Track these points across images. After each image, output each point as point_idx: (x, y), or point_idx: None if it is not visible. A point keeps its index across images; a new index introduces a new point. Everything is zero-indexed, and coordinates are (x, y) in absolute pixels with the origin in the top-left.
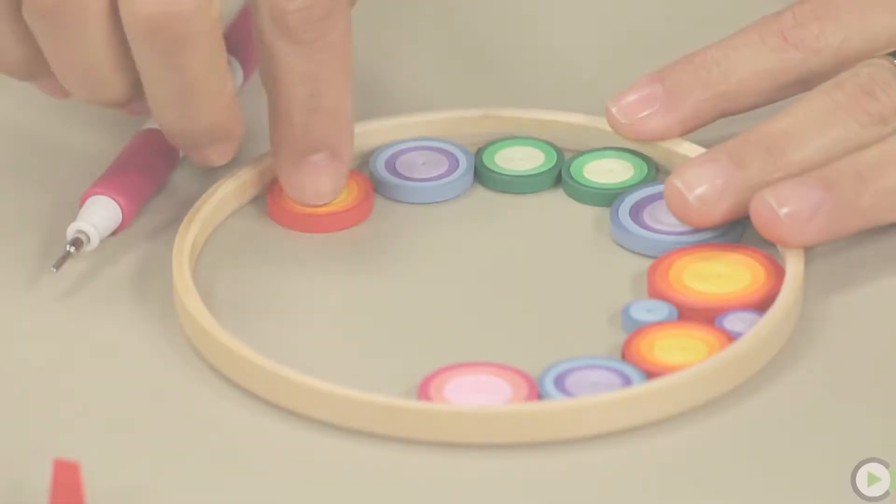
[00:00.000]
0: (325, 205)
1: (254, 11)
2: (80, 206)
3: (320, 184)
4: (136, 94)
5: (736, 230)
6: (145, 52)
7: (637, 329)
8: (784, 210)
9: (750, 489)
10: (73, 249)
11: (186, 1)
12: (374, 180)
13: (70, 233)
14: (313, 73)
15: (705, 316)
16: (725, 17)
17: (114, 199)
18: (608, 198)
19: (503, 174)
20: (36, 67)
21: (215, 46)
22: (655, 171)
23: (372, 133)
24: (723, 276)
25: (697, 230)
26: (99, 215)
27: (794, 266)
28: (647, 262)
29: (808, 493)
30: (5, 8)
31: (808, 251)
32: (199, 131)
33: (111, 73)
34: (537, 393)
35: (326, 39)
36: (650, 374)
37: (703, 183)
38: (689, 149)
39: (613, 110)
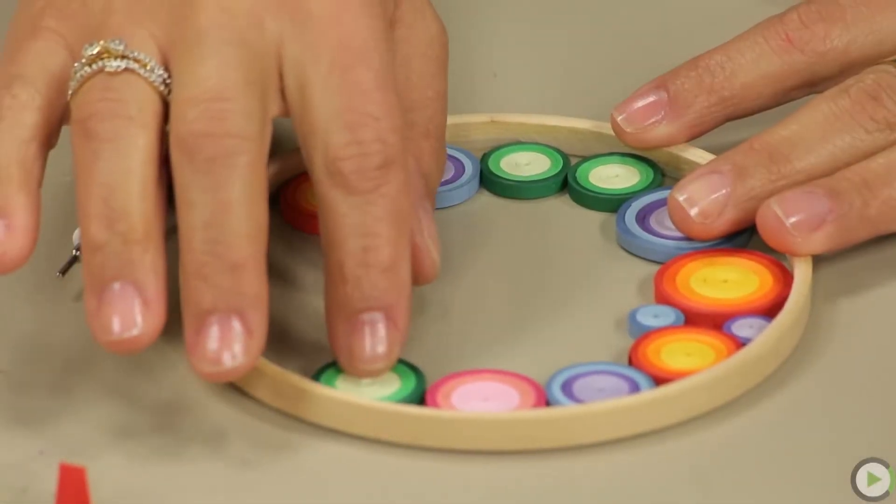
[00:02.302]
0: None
1: (306, 161)
2: None
3: (371, 347)
4: (151, 230)
5: (743, 235)
6: (186, 171)
7: (644, 334)
8: (791, 220)
9: (756, 493)
10: (79, 254)
11: (233, 121)
12: None
13: (76, 238)
14: (367, 225)
15: (712, 321)
16: (729, 19)
17: None
18: (614, 203)
19: (509, 180)
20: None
21: (261, 174)
22: (661, 176)
23: None
24: (730, 281)
25: None
26: None
27: (801, 271)
28: (654, 268)
29: (809, 492)
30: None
31: (816, 256)
32: (224, 271)
33: (134, 201)
34: (545, 399)
35: (382, 190)
36: (657, 380)
37: (704, 197)
38: (695, 154)
39: (618, 119)
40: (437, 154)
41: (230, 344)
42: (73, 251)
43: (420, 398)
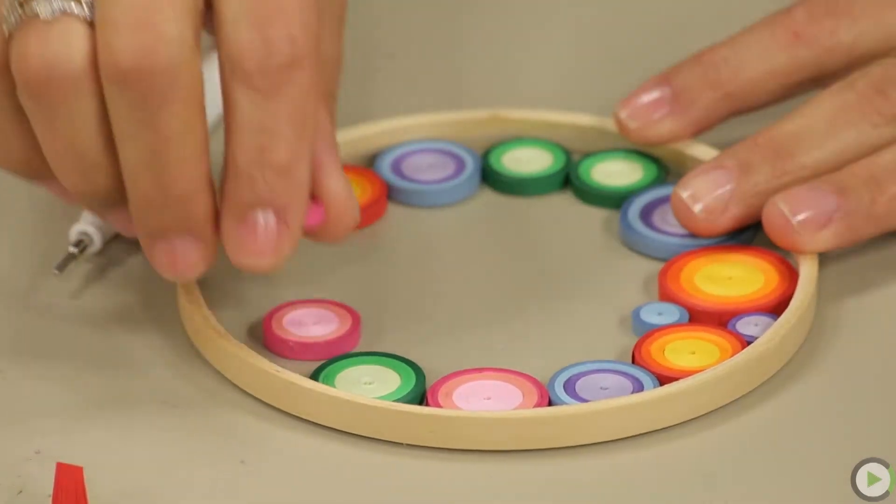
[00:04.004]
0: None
1: (217, 52)
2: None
3: (260, 245)
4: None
5: (748, 232)
6: (121, 107)
7: (648, 332)
8: (798, 217)
9: (757, 492)
10: (76, 251)
11: (164, 52)
12: None
13: (73, 234)
14: (265, 123)
15: (717, 319)
16: (734, 13)
17: None
18: (617, 200)
19: (511, 176)
20: (37, 164)
21: (197, 104)
22: (665, 172)
23: (378, 135)
24: (735, 278)
25: None
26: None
27: (807, 269)
28: (658, 265)
29: (809, 492)
30: (6, 102)
31: (822, 254)
32: (171, 205)
33: (100, 156)
34: (548, 398)
35: (284, 90)
36: (661, 378)
37: (708, 193)
38: (698, 150)
39: (622, 115)
40: (335, 114)
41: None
42: (70, 248)
43: (421, 397)
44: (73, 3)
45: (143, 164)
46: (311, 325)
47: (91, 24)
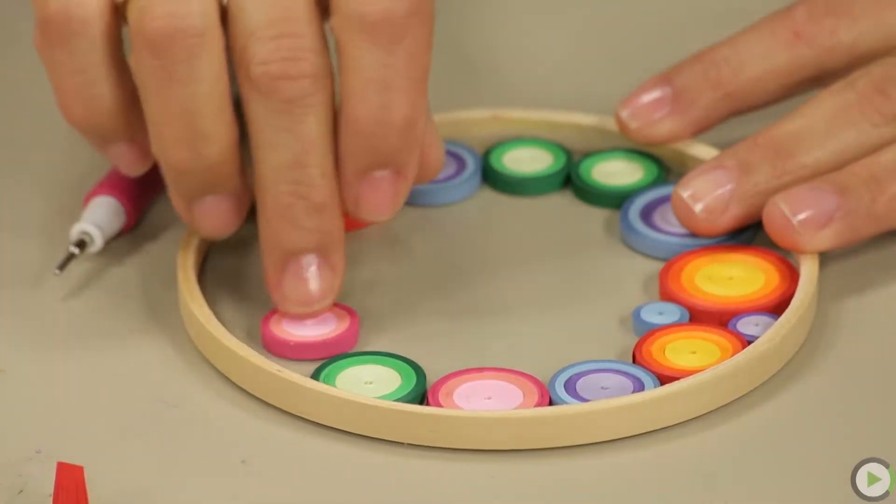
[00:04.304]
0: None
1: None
2: (84, 206)
3: (380, 201)
4: (232, 157)
5: (749, 231)
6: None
7: (648, 332)
8: (798, 217)
9: (758, 491)
10: (76, 251)
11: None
12: None
13: (74, 234)
14: (388, 79)
15: (718, 319)
16: (735, 12)
17: (118, 199)
18: (617, 199)
19: (511, 176)
20: (124, 124)
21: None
22: (665, 172)
23: None
24: (735, 278)
25: None
26: (103, 216)
27: (808, 268)
28: (658, 265)
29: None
30: (109, 49)
31: (822, 253)
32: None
33: (213, 123)
34: (548, 398)
35: (406, 41)
36: (661, 378)
37: (708, 193)
38: (699, 149)
39: (623, 114)
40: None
41: (317, 283)
42: (71, 248)
43: (421, 396)
44: None
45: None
46: (309, 324)
47: None
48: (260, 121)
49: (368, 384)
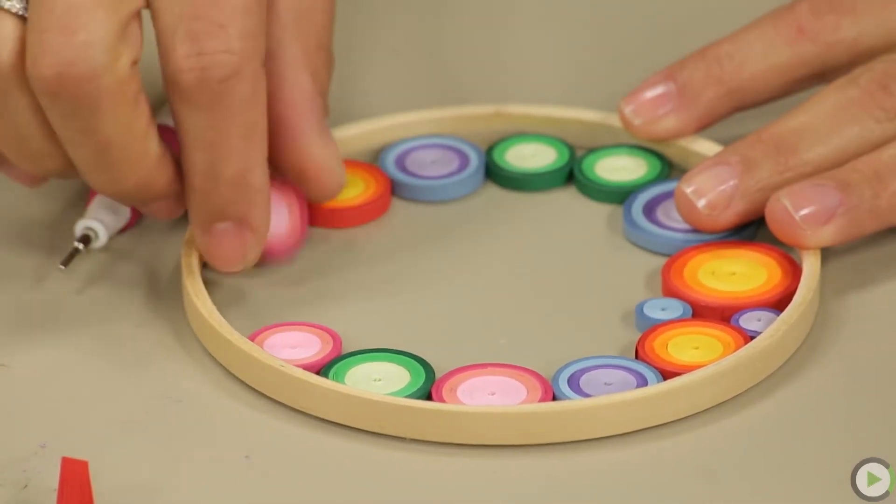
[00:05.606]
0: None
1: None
2: (89, 202)
3: (225, 252)
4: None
5: (751, 227)
6: (55, 116)
7: (651, 327)
8: (801, 213)
9: (758, 489)
10: (81, 246)
11: (85, 61)
12: None
13: (78, 230)
14: (212, 139)
15: (720, 314)
16: (738, 8)
17: None
18: (621, 195)
19: (514, 172)
20: (62, 160)
21: (127, 106)
22: (669, 167)
23: (381, 131)
24: (738, 273)
25: None
26: (107, 212)
27: (810, 264)
28: (661, 260)
29: (809, 492)
30: (28, 95)
31: (825, 249)
32: (130, 192)
33: (43, 143)
34: (552, 394)
35: (226, 102)
36: (664, 373)
37: (712, 189)
38: (702, 145)
39: (626, 111)
40: (329, 66)
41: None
42: (75, 244)
43: (428, 392)
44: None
45: (91, 166)
46: (290, 349)
47: (24, 20)
48: (55, 122)
49: (377, 381)
